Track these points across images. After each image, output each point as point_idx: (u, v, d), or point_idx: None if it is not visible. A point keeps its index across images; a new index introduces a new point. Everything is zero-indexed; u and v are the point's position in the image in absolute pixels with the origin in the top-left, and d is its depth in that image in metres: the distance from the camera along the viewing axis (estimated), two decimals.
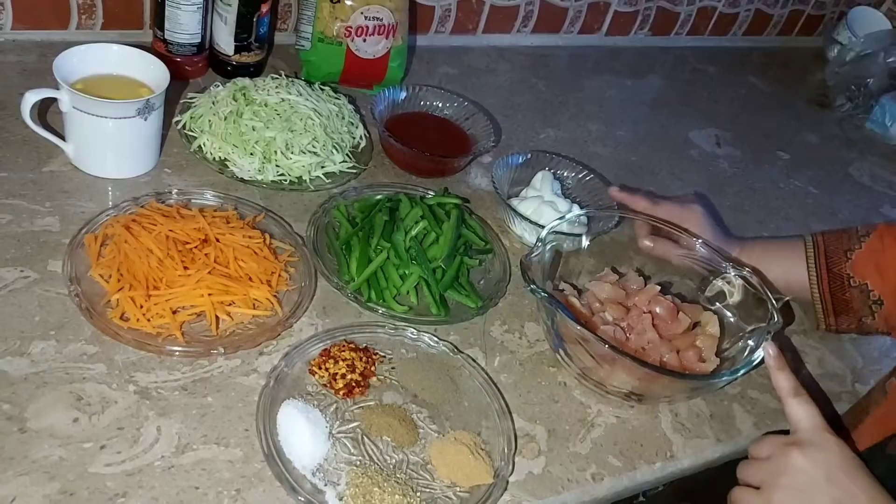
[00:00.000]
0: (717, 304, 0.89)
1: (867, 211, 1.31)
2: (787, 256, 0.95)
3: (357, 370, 0.74)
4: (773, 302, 0.83)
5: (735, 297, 0.88)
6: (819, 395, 0.92)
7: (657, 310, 0.86)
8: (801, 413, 0.69)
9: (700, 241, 0.90)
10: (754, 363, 0.77)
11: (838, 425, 0.80)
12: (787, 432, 0.71)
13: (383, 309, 0.82)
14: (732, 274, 0.88)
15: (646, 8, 1.54)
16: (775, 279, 0.93)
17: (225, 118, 0.95)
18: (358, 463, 0.68)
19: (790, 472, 0.66)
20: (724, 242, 0.94)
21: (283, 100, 0.98)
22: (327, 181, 0.97)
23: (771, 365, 0.73)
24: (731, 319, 0.87)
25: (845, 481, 0.65)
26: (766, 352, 0.74)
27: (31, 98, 0.82)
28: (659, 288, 0.88)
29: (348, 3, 1.06)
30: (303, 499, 0.64)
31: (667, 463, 0.80)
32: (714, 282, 0.90)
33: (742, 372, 0.76)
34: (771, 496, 0.67)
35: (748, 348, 0.81)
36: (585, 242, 0.91)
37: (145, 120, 0.85)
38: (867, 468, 0.67)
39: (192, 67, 1.06)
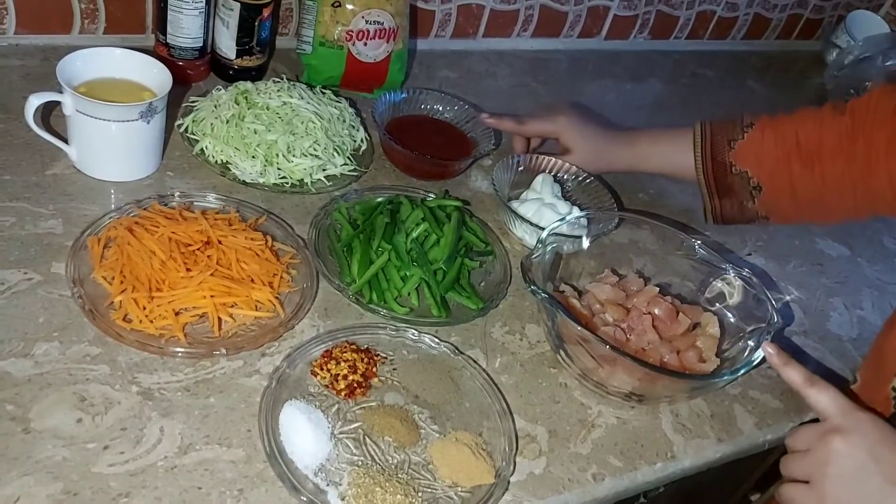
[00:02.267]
0: (717, 304, 0.89)
1: None
2: (676, 145, 1.01)
3: (359, 371, 0.75)
4: (773, 302, 0.84)
5: (735, 298, 0.88)
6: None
7: (656, 311, 0.86)
8: (825, 400, 0.68)
9: (699, 242, 0.91)
10: (754, 363, 0.77)
11: None
12: (814, 421, 0.70)
13: (384, 310, 0.83)
14: (732, 275, 0.88)
15: (645, 12, 1.55)
16: (662, 166, 1.02)
17: (227, 121, 0.95)
18: (360, 463, 0.69)
19: (835, 460, 0.65)
20: (606, 141, 0.99)
21: (284, 103, 0.99)
22: (328, 184, 0.97)
23: (775, 363, 0.73)
24: (732, 320, 0.87)
25: (890, 455, 0.64)
26: (765, 351, 0.75)
27: (35, 102, 0.83)
28: (658, 289, 0.88)
29: (349, 7, 1.07)
30: (305, 499, 0.64)
31: (668, 463, 0.80)
32: (714, 283, 0.90)
33: (742, 372, 0.77)
34: (823, 489, 0.66)
35: (748, 348, 0.82)
36: (585, 244, 0.91)
37: (148, 123, 0.86)
38: None
39: (194, 71, 1.06)
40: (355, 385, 0.74)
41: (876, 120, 0.88)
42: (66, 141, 0.87)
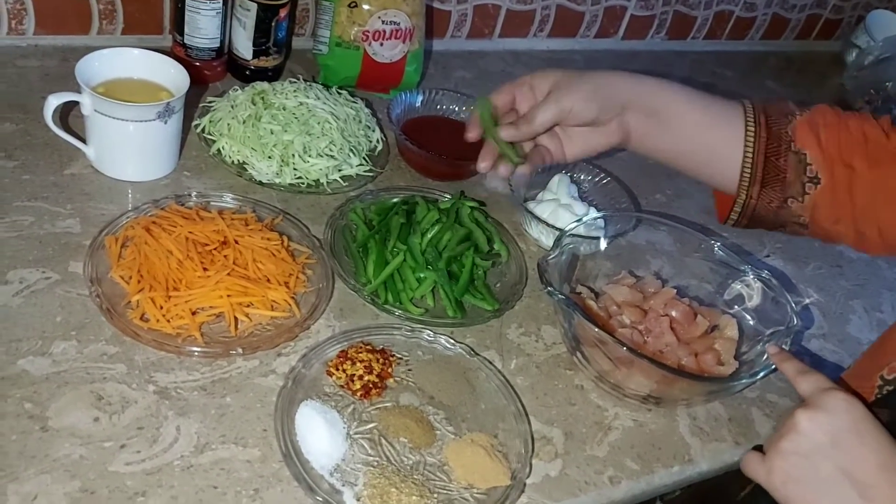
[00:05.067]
0: (736, 307, 0.88)
1: None
2: (719, 113, 0.82)
3: (374, 371, 0.75)
4: (792, 305, 0.83)
5: (754, 301, 0.87)
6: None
7: (673, 313, 0.86)
8: (809, 383, 0.65)
9: (718, 244, 0.90)
10: (773, 366, 0.76)
11: None
12: None
13: (400, 311, 0.83)
14: (751, 277, 0.88)
15: (662, 12, 1.54)
16: (691, 138, 0.82)
17: (243, 122, 0.95)
18: (375, 464, 0.69)
19: (792, 436, 0.62)
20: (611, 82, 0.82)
21: (300, 104, 0.99)
22: (344, 184, 0.97)
23: (776, 361, 0.71)
24: (750, 322, 0.87)
25: (853, 444, 0.60)
26: (768, 351, 0.73)
27: (54, 102, 0.83)
28: (675, 291, 0.88)
29: (366, 7, 1.07)
30: (320, 499, 0.64)
31: (685, 466, 0.79)
32: (732, 285, 0.89)
33: (761, 375, 0.76)
34: (773, 462, 0.63)
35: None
36: (602, 245, 0.91)
37: (165, 123, 0.86)
38: (882, 427, 0.61)
39: (210, 71, 1.07)
40: (371, 385, 0.74)
41: None
42: (84, 141, 0.88)
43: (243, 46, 1.07)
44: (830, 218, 0.80)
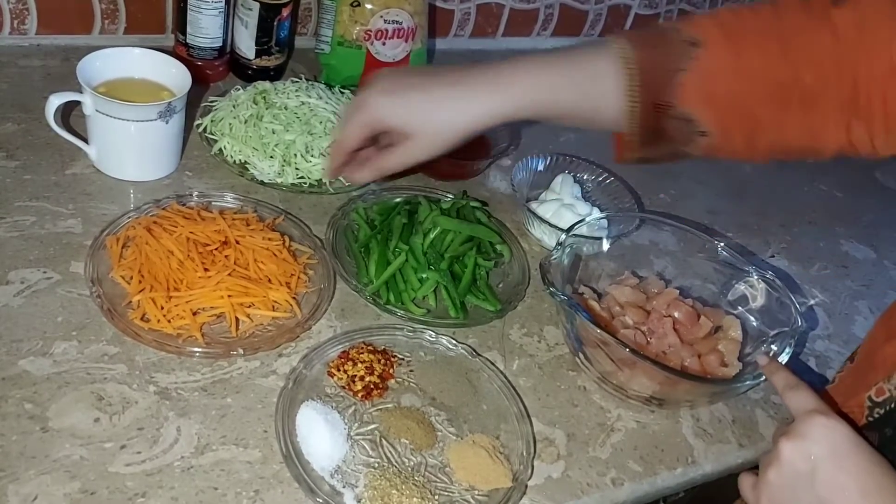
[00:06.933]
0: (740, 307, 0.88)
1: (892, 215, 1.29)
2: (594, 77, 0.73)
3: (375, 372, 0.74)
4: (797, 306, 0.82)
5: (758, 301, 0.87)
6: None
7: (676, 314, 0.85)
8: (796, 401, 0.64)
9: (722, 244, 0.89)
10: None
11: None
12: None
13: (401, 311, 0.82)
14: (755, 277, 0.87)
15: (667, 11, 1.53)
16: (559, 112, 0.75)
17: (245, 121, 0.95)
18: (376, 465, 0.68)
19: (776, 465, 0.61)
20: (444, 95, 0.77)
21: (302, 103, 0.98)
22: (346, 184, 0.97)
23: (766, 372, 0.70)
24: (754, 323, 0.86)
25: (833, 472, 0.58)
26: (758, 361, 0.73)
27: (55, 101, 0.83)
28: (677, 292, 0.87)
29: (368, 6, 1.07)
30: (321, 500, 0.64)
31: (688, 468, 0.79)
32: (736, 285, 0.89)
33: (765, 377, 0.75)
34: (760, 492, 0.63)
35: (771, 353, 0.80)
36: (605, 246, 0.90)
37: (167, 123, 0.86)
38: (870, 450, 0.59)
39: (213, 71, 1.07)
40: (372, 386, 0.73)
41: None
42: (85, 140, 0.88)
43: (245, 46, 1.06)
44: (731, 153, 0.75)
